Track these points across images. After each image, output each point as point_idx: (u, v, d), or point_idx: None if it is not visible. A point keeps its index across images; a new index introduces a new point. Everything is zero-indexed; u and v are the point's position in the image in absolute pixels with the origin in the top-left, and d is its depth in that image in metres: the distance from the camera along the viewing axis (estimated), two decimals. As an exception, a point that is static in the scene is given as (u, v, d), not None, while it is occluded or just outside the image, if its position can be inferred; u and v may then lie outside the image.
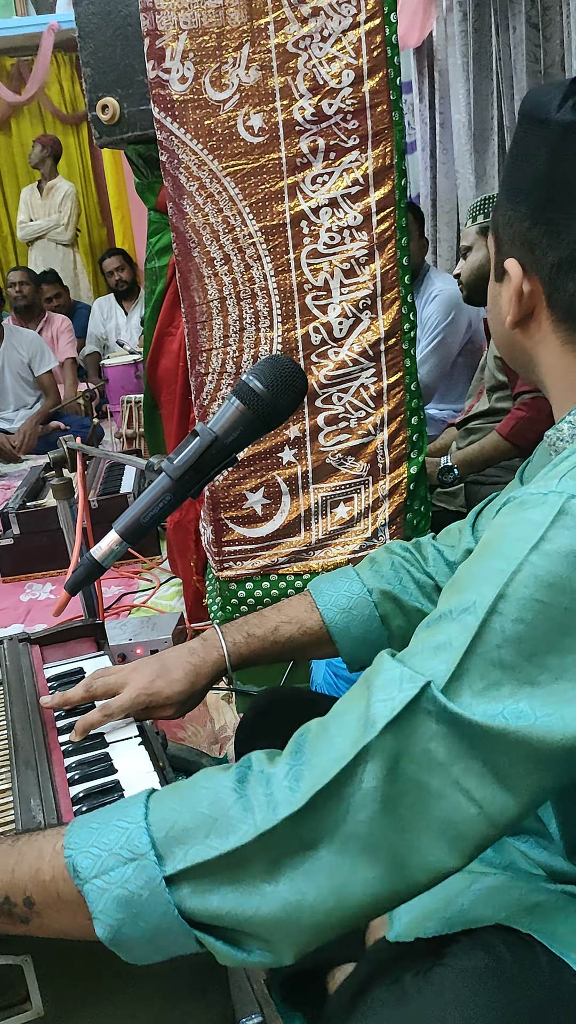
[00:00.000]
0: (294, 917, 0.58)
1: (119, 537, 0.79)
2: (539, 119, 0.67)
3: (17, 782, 0.89)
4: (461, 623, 0.58)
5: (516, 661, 0.56)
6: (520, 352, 0.77)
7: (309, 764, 0.59)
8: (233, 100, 1.56)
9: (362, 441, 1.76)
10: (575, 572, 0.56)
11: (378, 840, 0.57)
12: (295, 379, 0.73)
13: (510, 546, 0.59)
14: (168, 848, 0.61)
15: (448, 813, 0.57)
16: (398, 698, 0.57)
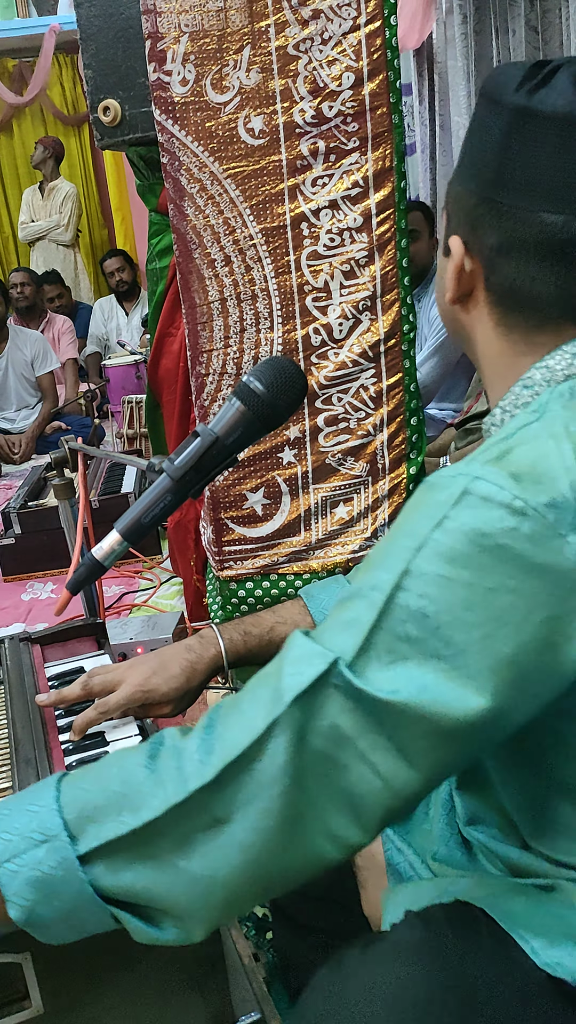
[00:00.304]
0: (207, 892, 0.60)
1: (120, 537, 0.80)
2: (495, 99, 0.67)
3: (18, 780, 0.89)
4: (369, 599, 0.60)
5: (422, 635, 0.57)
6: (459, 328, 0.77)
7: (220, 737, 0.60)
8: (234, 102, 1.57)
9: (362, 441, 1.77)
10: (475, 549, 0.57)
11: (289, 814, 0.58)
12: (295, 380, 0.74)
13: (415, 525, 0.60)
14: (81, 827, 0.61)
15: (354, 786, 0.58)
16: (307, 673, 0.58)
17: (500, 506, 0.57)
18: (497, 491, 0.58)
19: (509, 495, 0.57)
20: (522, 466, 0.59)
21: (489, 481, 0.59)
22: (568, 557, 0.56)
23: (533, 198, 0.66)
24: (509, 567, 0.57)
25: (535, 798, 0.68)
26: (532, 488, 0.58)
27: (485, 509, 0.58)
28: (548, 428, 0.63)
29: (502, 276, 0.69)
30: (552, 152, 0.65)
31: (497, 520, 0.57)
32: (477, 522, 0.58)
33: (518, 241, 0.67)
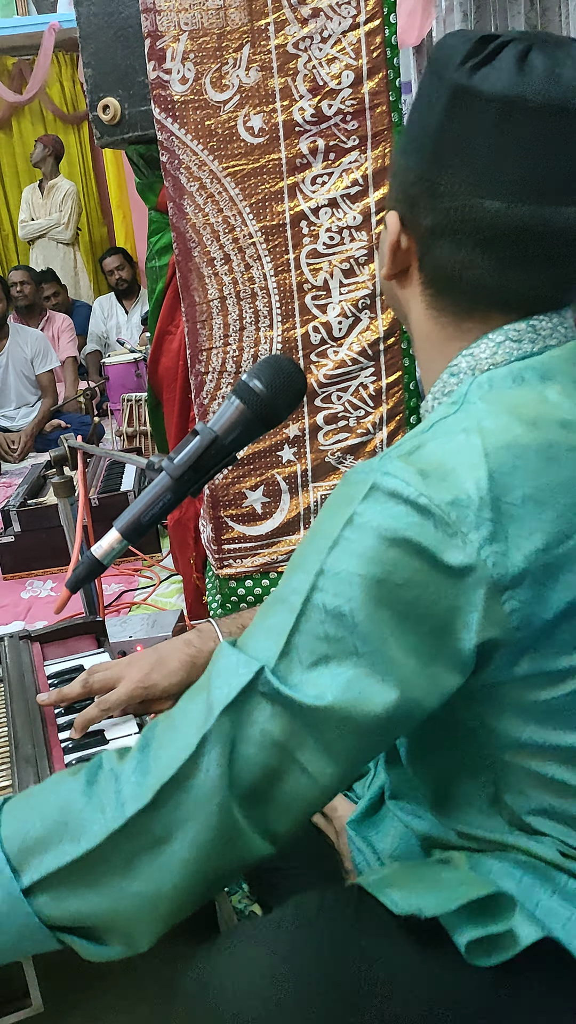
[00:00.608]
0: (152, 907, 0.61)
1: (119, 536, 0.80)
2: (438, 73, 0.64)
3: (17, 779, 0.89)
4: (288, 603, 0.61)
5: (339, 633, 0.58)
6: (396, 303, 0.75)
7: (156, 757, 0.61)
8: (233, 101, 1.57)
9: (361, 440, 1.77)
10: (383, 544, 0.58)
11: (227, 824, 0.59)
12: (295, 379, 0.74)
13: (328, 523, 0.61)
14: (23, 860, 0.62)
15: (287, 788, 0.60)
16: (234, 683, 0.59)
17: (405, 502, 0.58)
18: (403, 487, 0.59)
19: (415, 491, 0.58)
20: (431, 462, 0.60)
21: (396, 476, 0.59)
22: (469, 554, 0.58)
23: (469, 182, 0.63)
24: (416, 561, 0.58)
25: (440, 775, 0.70)
26: (437, 485, 0.58)
27: (391, 504, 0.59)
28: (462, 422, 0.62)
29: (434, 258, 0.67)
30: (490, 135, 0.62)
31: (403, 515, 0.58)
32: (384, 518, 0.58)
33: (452, 225, 0.64)
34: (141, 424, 3.76)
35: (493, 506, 0.58)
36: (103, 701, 0.94)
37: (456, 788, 0.69)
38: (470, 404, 0.64)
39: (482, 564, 0.58)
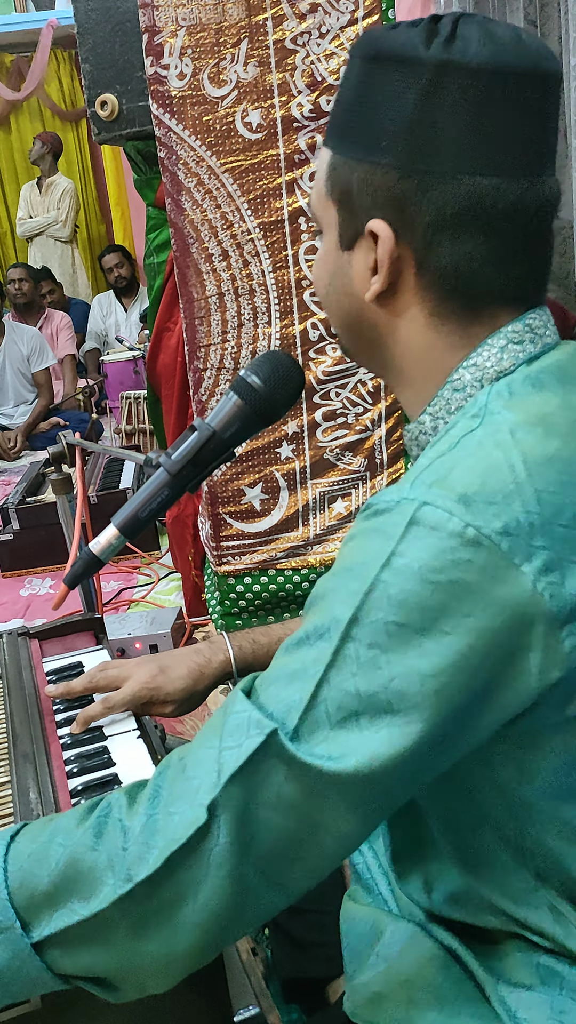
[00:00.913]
0: (165, 966, 0.59)
1: (117, 531, 0.79)
2: (404, 60, 0.59)
3: (16, 775, 0.89)
4: (316, 649, 0.55)
5: (372, 688, 0.53)
6: (369, 331, 0.67)
7: (166, 814, 0.58)
8: (231, 96, 1.56)
9: (360, 437, 1.77)
10: (427, 589, 0.52)
11: (240, 887, 0.57)
12: (292, 374, 0.73)
13: (362, 564, 0.55)
14: (32, 914, 0.60)
15: (308, 850, 0.56)
16: (245, 745, 0.55)
17: (451, 536, 0.53)
18: (446, 519, 0.53)
19: (460, 523, 0.53)
20: (470, 485, 0.54)
21: (437, 507, 0.54)
22: (525, 589, 0.52)
23: (462, 161, 0.59)
24: (465, 605, 0.52)
25: (460, 826, 0.66)
26: (483, 512, 0.53)
27: (435, 540, 0.53)
28: (493, 435, 0.57)
29: (438, 256, 0.61)
30: (477, 107, 0.58)
31: (449, 552, 0.52)
32: (427, 556, 0.53)
33: (453, 214, 0.60)
34: (140, 422, 3.76)
35: (545, 531, 0.53)
36: (107, 699, 0.94)
37: (478, 840, 0.65)
38: (494, 415, 0.59)
39: (539, 598, 0.52)
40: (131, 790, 0.62)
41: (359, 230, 0.64)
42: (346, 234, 0.65)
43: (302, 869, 0.57)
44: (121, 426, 3.90)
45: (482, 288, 0.63)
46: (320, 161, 0.67)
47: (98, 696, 0.98)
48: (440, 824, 0.67)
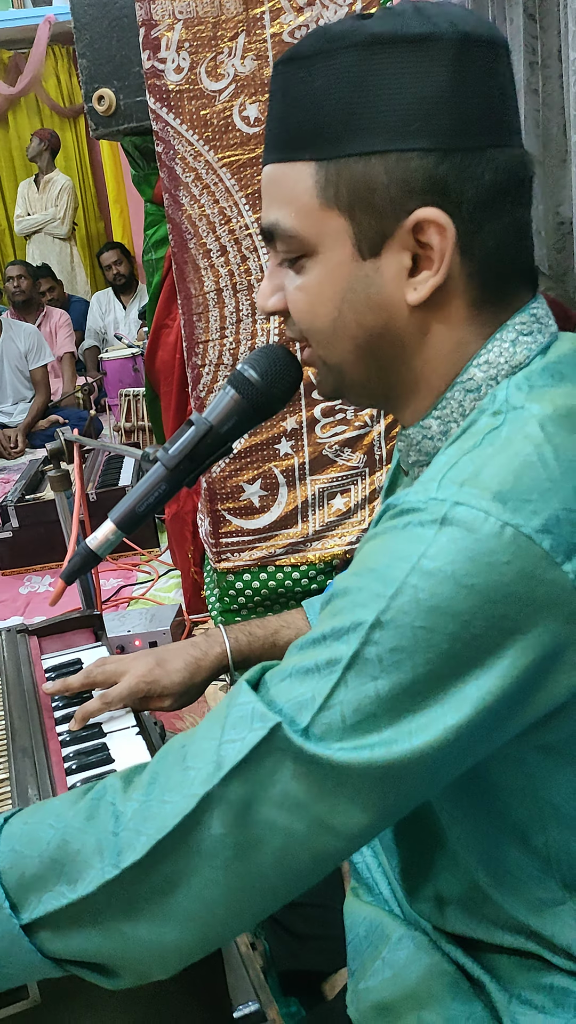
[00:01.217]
0: (159, 954, 0.58)
1: (114, 526, 0.79)
2: (420, 38, 0.56)
3: (14, 771, 0.89)
4: (334, 650, 0.53)
5: (395, 692, 0.51)
6: (390, 347, 0.63)
7: (159, 801, 0.56)
8: (229, 90, 1.56)
9: (359, 432, 1.76)
10: (460, 592, 0.50)
11: (236, 883, 0.55)
12: (290, 369, 0.73)
13: (388, 565, 0.53)
14: (22, 896, 0.59)
15: (313, 851, 0.54)
16: (247, 739, 0.54)
17: (488, 537, 0.50)
18: (482, 519, 0.50)
19: (497, 522, 0.50)
20: (504, 482, 0.52)
21: (472, 506, 0.51)
22: (565, 588, 0.50)
23: (488, 134, 0.57)
24: (500, 608, 0.50)
25: (485, 838, 0.64)
26: (521, 510, 0.51)
27: (470, 542, 0.50)
28: (521, 430, 0.55)
29: (484, 237, 0.59)
30: (489, 78, 0.57)
31: (485, 555, 0.50)
32: (461, 559, 0.50)
33: (490, 189, 0.58)
34: (139, 419, 3.76)
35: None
36: (105, 695, 0.94)
37: (502, 849, 0.63)
38: (518, 410, 0.56)
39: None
40: (127, 774, 0.61)
41: (388, 230, 0.59)
42: (368, 240, 0.60)
43: (305, 871, 0.56)
44: (120, 423, 3.90)
45: (515, 267, 0.61)
46: (289, 178, 0.61)
47: (96, 692, 0.98)
48: (462, 832, 0.65)
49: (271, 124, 0.63)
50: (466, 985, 0.68)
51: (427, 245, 0.59)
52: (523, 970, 0.67)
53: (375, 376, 0.65)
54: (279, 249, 0.64)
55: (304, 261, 0.63)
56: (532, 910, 0.64)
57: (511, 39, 3.15)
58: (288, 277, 0.65)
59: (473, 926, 0.68)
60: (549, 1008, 0.64)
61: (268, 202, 0.63)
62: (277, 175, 0.62)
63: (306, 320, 0.64)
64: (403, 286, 0.60)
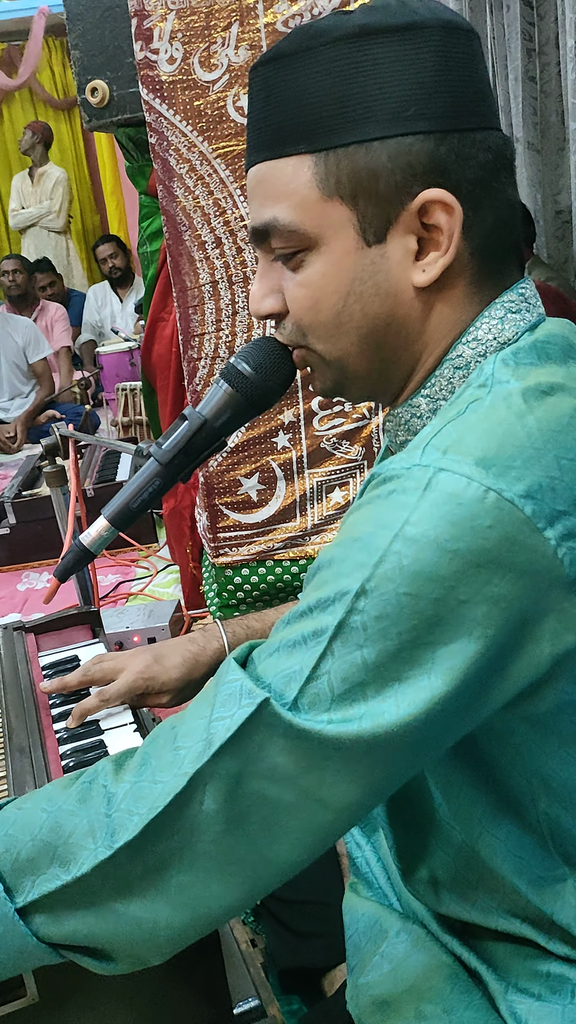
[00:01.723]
0: (151, 935, 0.58)
1: (107, 523, 0.79)
2: (407, 26, 0.58)
3: (12, 769, 0.89)
4: (319, 621, 0.54)
5: (381, 660, 0.52)
6: (396, 333, 0.63)
7: (151, 781, 0.57)
8: (223, 80, 1.54)
9: (357, 425, 1.76)
10: (444, 558, 0.50)
11: (228, 857, 0.56)
12: (284, 361, 0.71)
13: (372, 533, 0.53)
14: (16, 880, 0.59)
15: (303, 823, 0.55)
16: (236, 715, 0.54)
17: (471, 502, 0.51)
18: (465, 484, 0.51)
19: (480, 487, 0.51)
20: (487, 448, 0.52)
21: (455, 472, 0.52)
22: (544, 554, 0.51)
23: (478, 115, 0.60)
24: (484, 573, 0.50)
25: (483, 816, 0.64)
26: (505, 476, 0.51)
27: (453, 508, 0.51)
28: (505, 399, 0.55)
29: (483, 215, 0.60)
30: (472, 62, 0.60)
31: (468, 520, 0.50)
32: (444, 524, 0.50)
33: (485, 168, 0.60)
34: (136, 413, 3.75)
35: (567, 496, 0.52)
36: (103, 692, 0.94)
37: (500, 827, 0.63)
38: (502, 384, 0.57)
39: (557, 564, 0.51)
40: (119, 758, 0.62)
41: (392, 215, 0.60)
42: (372, 227, 0.60)
43: (297, 845, 0.56)
44: (117, 418, 3.89)
45: (508, 244, 0.62)
46: (282, 173, 0.61)
47: (94, 689, 0.98)
48: (457, 808, 0.65)
49: (255, 125, 0.63)
50: (464, 976, 0.69)
51: (432, 227, 0.60)
52: (519, 958, 0.67)
53: (376, 366, 0.65)
54: (275, 247, 0.64)
55: (304, 255, 0.63)
56: (533, 887, 0.64)
57: (508, 27, 3.13)
58: (285, 276, 0.65)
59: (468, 908, 0.68)
60: (545, 995, 0.65)
61: (259, 201, 0.63)
62: (267, 173, 0.62)
63: (309, 316, 0.64)
64: (409, 270, 0.61)
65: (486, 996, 0.67)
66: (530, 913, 0.66)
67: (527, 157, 3.15)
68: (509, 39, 3.12)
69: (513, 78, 3.14)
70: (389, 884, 0.81)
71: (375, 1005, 0.71)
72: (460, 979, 0.68)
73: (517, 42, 3.07)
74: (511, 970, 0.67)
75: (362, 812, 0.56)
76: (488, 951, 0.69)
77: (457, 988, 0.68)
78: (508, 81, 3.18)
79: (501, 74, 3.25)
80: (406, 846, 0.73)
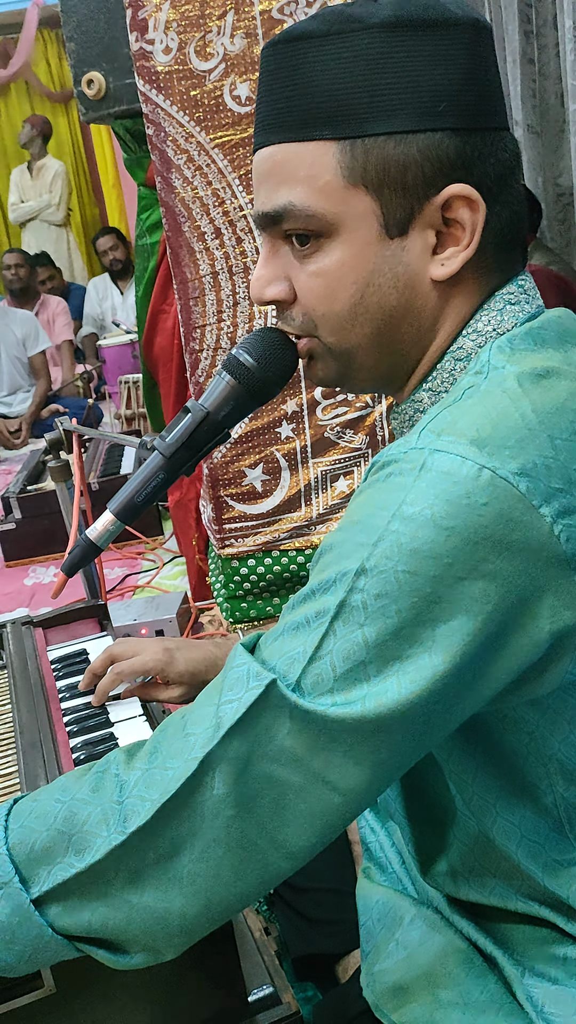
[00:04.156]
0: (164, 924, 0.58)
1: (113, 517, 0.79)
2: (442, 21, 0.58)
3: (23, 764, 0.89)
4: (321, 603, 0.54)
5: (382, 638, 0.52)
6: (411, 325, 0.63)
7: (162, 768, 0.57)
8: (219, 69, 1.53)
9: (360, 414, 1.75)
10: (440, 535, 0.51)
11: (238, 842, 0.56)
12: (285, 352, 0.71)
13: (371, 515, 0.54)
14: (31, 870, 0.60)
15: (312, 806, 0.55)
16: (244, 698, 0.55)
17: (466, 480, 0.51)
18: (460, 463, 0.52)
19: (475, 466, 0.51)
20: (482, 429, 0.53)
21: (450, 452, 0.52)
22: (541, 531, 0.51)
23: (498, 115, 0.61)
24: (480, 550, 0.51)
25: (498, 803, 0.64)
26: (499, 454, 0.52)
27: (449, 486, 0.52)
28: (499, 384, 0.56)
29: (500, 210, 0.61)
30: (493, 61, 0.62)
31: (463, 497, 0.51)
32: (440, 503, 0.51)
33: (504, 166, 0.61)
34: (139, 406, 3.74)
35: (562, 474, 0.52)
36: (117, 666, 0.93)
37: (515, 811, 0.64)
38: (498, 369, 0.58)
39: (554, 541, 0.52)
40: (130, 748, 0.63)
41: (415, 209, 0.60)
42: (396, 218, 0.60)
43: (307, 829, 0.56)
44: (121, 411, 3.88)
45: (518, 238, 0.64)
46: (304, 157, 0.60)
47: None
48: (473, 797, 0.66)
49: (272, 104, 0.62)
50: (479, 961, 0.69)
51: (453, 221, 0.61)
52: (536, 943, 0.67)
53: (385, 359, 0.65)
54: (288, 229, 0.63)
55: (321, 242, 0.62)
56: (548, 871, 0.64)
57: (505, 9, 3.09)
58: (293, 263, 0.64)
59: (487, 894, 0.69)
60: (563, 979, 0.65)
61: (274, 184, 0.62)
62: (287, 156, 0.61)
63: (324, 306, 0.64)
64: (428, 263, 0.62)
65: (502, 981, 0.68)
66: (547, 897, 0.66)
67: (527, 140, 3.12)
68: (507, 21, 3.09)
69: (511, 60, 3.11)
70: (404, 868, 0.81)
71: (391, 991, 0.72)
72: (475, 964, 0.69)
73: (515, 24, 3.03)
74: (528, 954, 0.68)
75: (371, 796, 0.57)
76: (505, 936, 0.70)
77: (472, 973, 0.68)
78: (506, 64, 3.15)
79: (499, 57, 3.22)
80: (424, 840, 0.73)
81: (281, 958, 0.97)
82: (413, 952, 0.72)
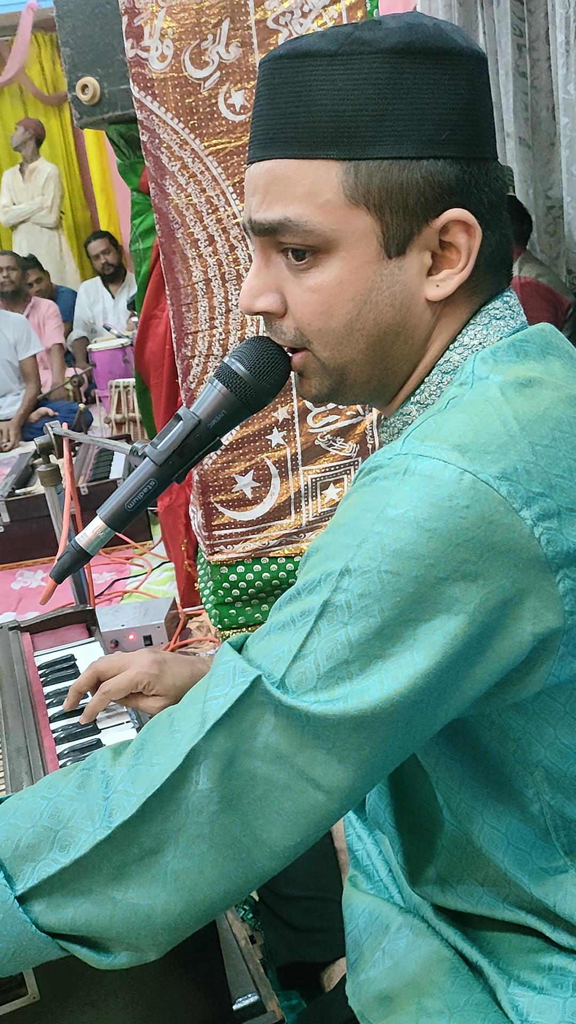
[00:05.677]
0: (148, 922, 0.58)
1: (103, 524, 0.79)
2: (448, 50, 0.60)
3: (9, 769, 0.89)
4: (306, 602, 0.56)
5: (365, 637, 0.53)
6: (404, 343, 0.65)
7: (148, 764, 0.58)
8: (214, 78, 1.54)
9: (351, 422, 1.76)
10: (422, 537, 0.52)
11: (222, 839, 0.56)
12: (278, 360, 0.72)
13: (356, 517, 0.55)
14: (16, 866, 0.60)
15: (296, 804, 0.56)
16: (229, 694, 0.55)
17: (448, 483, 0.53)
18: (442, 467, 0.53)
19: (457, 470, 0.53)
20: (464, 435, 0.55)
21: (432, 457, 0.54)
22: (522, 534, 0.53)
23: (492, 145, 0.64)
24: (462, 551, 0.52)
25: (486, 812, 0.65)
26: (480, 459, 0.53)
27: (431, 489, 0.53)
28: (483, 394, 0.58)
29: (491, 234, 0.64)
30: (488, 94, 0.63)
31: (445, 500, 0.52)
32: (422, 506, 0.53)
33: (496, 194, 0.64)
34: (130, 410, 3.74)
35: (543, 479, 0.54)
36: (104, 685, 0.93)
37: (502, 820, 0.65)
38: (482, 379, 0.60)
39: (535, 543, 0.53)
40: (117, 746, 0.63)
41: (415, 231, 0.61)
42: (395, 239, 0.62)
43: (291, 827, 0.57)
44: (111, 415, 3.88)
45: (506, 259, 0.66)
46: (306, 175, 0.61)
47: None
48: (460, 806, 0.66)
49: (274, 117, 0.62)
50: (465, 970, 0.69)
51: (449, 244, 0.63)
52: (522, 951, 0.68)
53: (377, 374, 0.67)
54: (284, 242, 0.64)
55: (319, 258, 0.63)
56: (534, 879, 0.65)
57: (498, 22, 3.12)
58: (286, 277, 0.65)
59: (474, 903, 0.69)
60: (547, 989, 0.65)
61: (272, 199, 0.63)
62: (287, 171, 0.62)
63: (319, 321, 0.65)
64: (423, 284, 0.63)
65: (487, 990, 0.68)
66: (534, 905, 0.66)
67: (518, 153, 3.15)
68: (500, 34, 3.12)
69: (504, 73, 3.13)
70: (390, 876, 0.81)
71: (377, 1000, 0.72)
72: (461, 973, 0.69)
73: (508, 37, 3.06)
74: (513, 963, 0.68)
75: (355, 795, 0.57)
76: (490, 945, 0.70)
77: (458, 982, 0.68)
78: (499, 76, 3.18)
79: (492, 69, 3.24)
80: (412, 849, 0.74)
81: (266, 966, 0.97)
82: (399, 961, 0.72)
